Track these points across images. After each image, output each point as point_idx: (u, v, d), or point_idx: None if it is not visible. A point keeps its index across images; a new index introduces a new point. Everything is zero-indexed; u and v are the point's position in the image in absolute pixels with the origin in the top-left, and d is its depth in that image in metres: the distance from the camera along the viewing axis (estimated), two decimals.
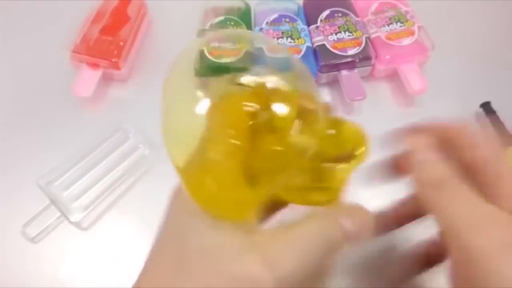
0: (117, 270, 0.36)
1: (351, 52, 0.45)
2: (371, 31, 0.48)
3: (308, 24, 0.49)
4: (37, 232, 0.36)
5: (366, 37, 0.46)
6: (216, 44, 0.45)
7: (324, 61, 0.45)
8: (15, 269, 0.36)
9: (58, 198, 0.37)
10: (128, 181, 0.40)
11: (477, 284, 0.16)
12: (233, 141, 0.18)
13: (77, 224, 0.37)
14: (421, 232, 0.27)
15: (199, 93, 0.20)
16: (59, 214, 0.37)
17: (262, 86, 0.20)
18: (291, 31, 0.47)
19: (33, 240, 0.36)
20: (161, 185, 0.40)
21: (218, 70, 0.44)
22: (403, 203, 0.26)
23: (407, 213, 0.25)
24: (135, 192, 0.40)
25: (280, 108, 0.19)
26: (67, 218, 0.36)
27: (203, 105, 0.19)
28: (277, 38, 0.46)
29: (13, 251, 0.36)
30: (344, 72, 0.45)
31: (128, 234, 0.38)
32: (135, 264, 0.38)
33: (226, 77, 0.21)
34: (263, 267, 0.16)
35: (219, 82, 0.21)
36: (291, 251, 0.17)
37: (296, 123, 0.19)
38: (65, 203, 0.37)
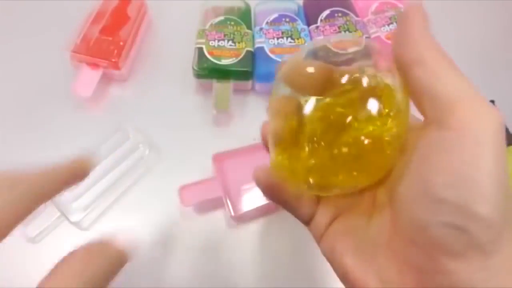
0: None
1: None
2: (371, 31, 0.48)
3: (308, 24, 0.49)
4: (37, 232, 0.36)
5: (366, 37, 0.46)
6: (216, 43, 0.45)
7: (324, 61, 0.45)
8: (15, 269, 0.36)
9: (58, 198, 0.37)
10: (128, 181, 0.40)
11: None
12: None
13: (77, 224, 0.37)
14: None
15: None
16: (59, 214, 0.37)
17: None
18: (291, 31, 0.47)
19: (33, 240, 0.36)
20: (161, 184, 0.40)
21: (217, 71, 0.44)
22: None
23: None
24: (135, 191, 0.40)
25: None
26: (67, 218, 0.36)
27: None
28: (277, 38, 0.46)
29: (13, 251, 0.36)
30: None
31: (128, 234, 0.38)
32: (135, 264, 0.38)
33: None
34: None
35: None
36: None
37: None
38: (65, 203, 0.37)
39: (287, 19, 0.48)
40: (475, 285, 0.16)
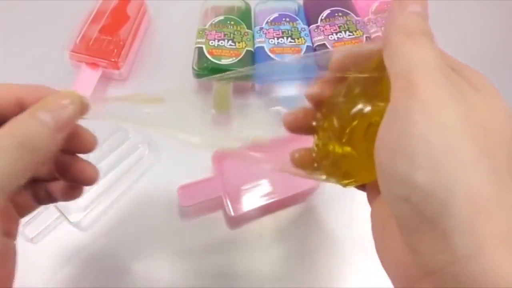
0: (116, 270, 0.36)
1: None
2: (371, 30, 0.47)
3: (309, 24, 0.48)
4: (36, 232, 0.36)
5: (366, 37, 0.46)
6: (216, 43, 0.45)
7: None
8: None
9: None
10: (128, 180, 0.40)
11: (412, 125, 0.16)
12: None
13: (76, 225, 0.37)
14: None
15: None
16: (58, 214, 0.36)
17: None
18: (291, 30, 0.47)
19: (32, 240, 0.36)
20: (161, 184, 0.40)
21: (217, 71, 0.43)
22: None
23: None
24: (134, 191, 0.40)
25: None
26: (67, 218, 0.36)
27: None
28: (277, 38, 0.46)
29: None
30: None
31: (127, 234, 0.38)
32: (134, 264, 0.38)
33: None
34: None
35: None
36: None
37: None
38: (64, 203, 0.37)
39: (287, 19, 0.48)
40: (442, 268, 0.16)
